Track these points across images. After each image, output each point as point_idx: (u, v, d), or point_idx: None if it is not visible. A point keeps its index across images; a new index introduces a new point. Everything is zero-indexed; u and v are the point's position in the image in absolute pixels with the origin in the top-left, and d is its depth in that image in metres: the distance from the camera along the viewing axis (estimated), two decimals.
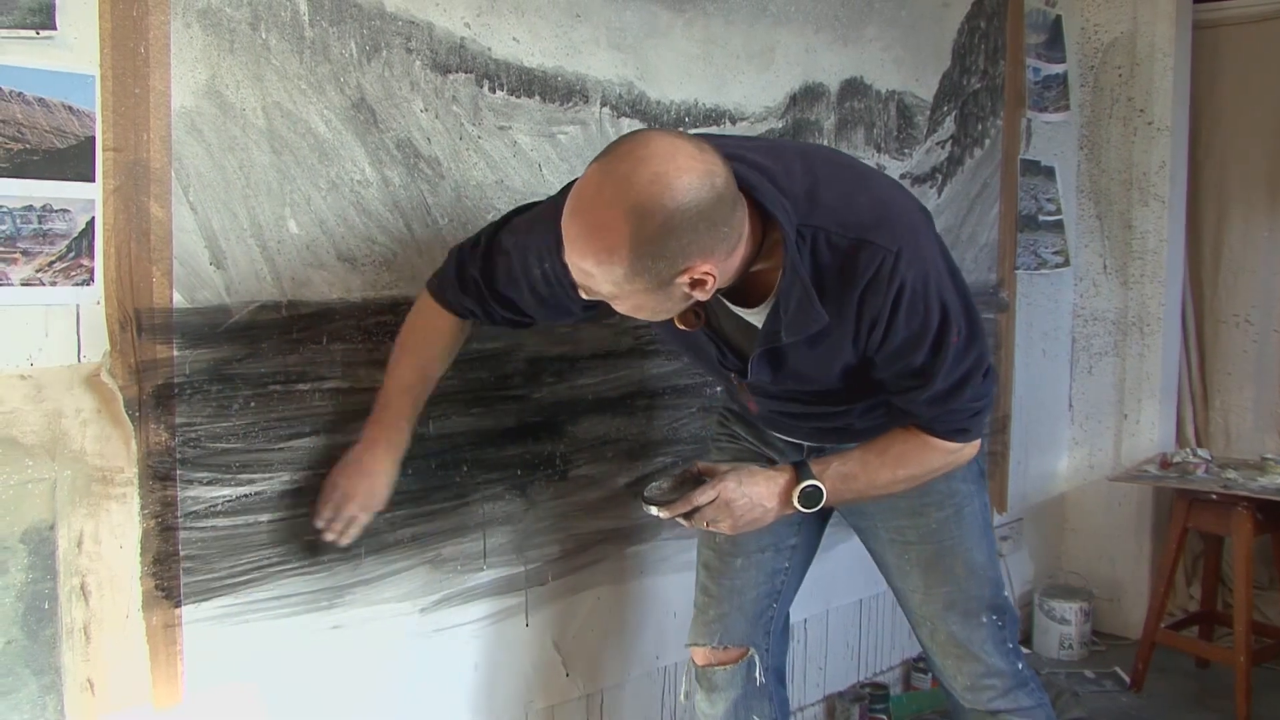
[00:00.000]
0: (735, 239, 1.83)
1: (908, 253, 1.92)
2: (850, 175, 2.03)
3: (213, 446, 2.12)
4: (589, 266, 1.78)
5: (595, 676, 2.87)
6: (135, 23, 1.95)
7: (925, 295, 1.95)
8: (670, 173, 1.71)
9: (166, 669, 2.07)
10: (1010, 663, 2.47)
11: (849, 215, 1.92)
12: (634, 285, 1.78)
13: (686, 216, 1.72)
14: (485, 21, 2.46)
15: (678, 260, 1.76)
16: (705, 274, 1.79)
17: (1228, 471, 3.98)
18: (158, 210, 1.99)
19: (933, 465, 2.23)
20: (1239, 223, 4.55)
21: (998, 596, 2.47)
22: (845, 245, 1.91)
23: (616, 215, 1.72)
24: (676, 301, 1.87)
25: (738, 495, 2.15)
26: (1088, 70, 4.53)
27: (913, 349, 2.00)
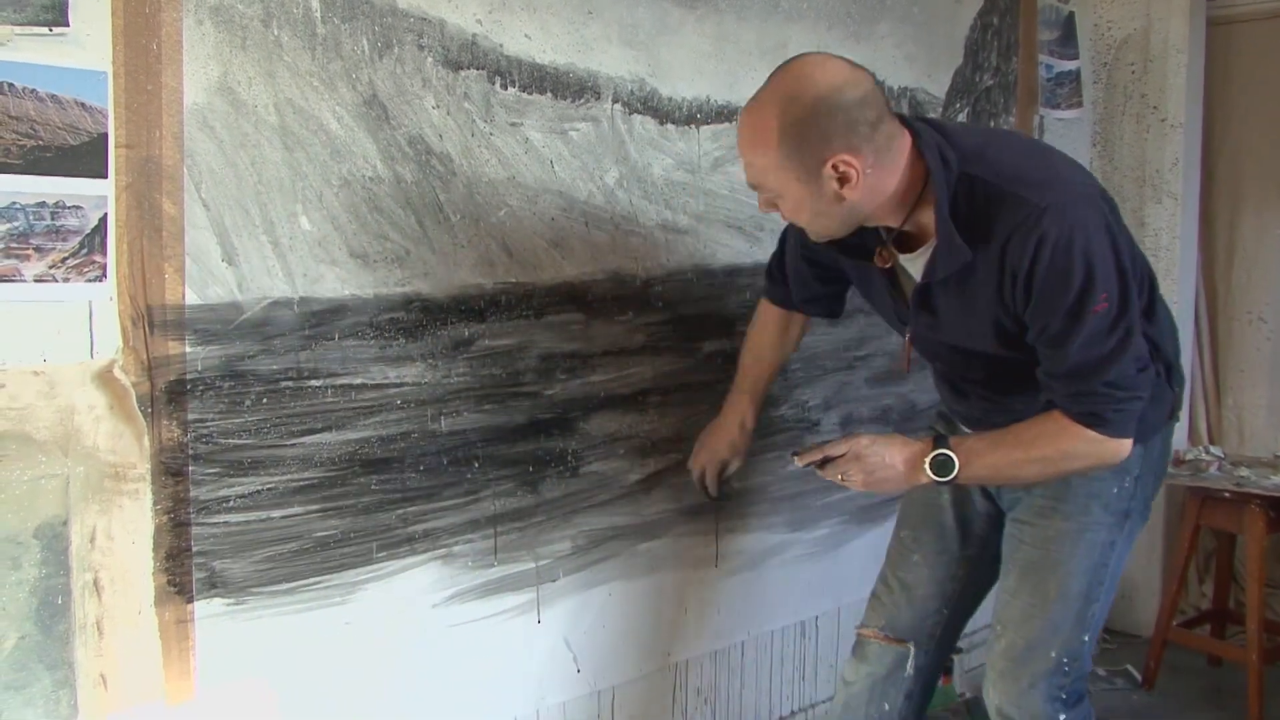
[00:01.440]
0: (881, 149, 2.03)
1: (1056, 210, 2.01)
2: (1027, 147, 2.26)
3: (225, 443, 2.12)
4: (750, 156, 2.06)
5: (607, 672, 2.87)
6: (148, 19, 1.95)
7: (1068, 251, 2.01)
8: (816, 72, 2.00)
9: (179, 664, 2.08)
10: (1050, 710, 2.37)
11: (1008, 171, 2.07)
12: (787, 174, 2.03)
13: (827, 106, 1.97)
14: (497, 18, 2.46)
15: (821, 147, 1.99)
16: (848, 165, 2.00)
17: (1240, 469, 3.97)
18: (170, 207, 2.00)
19: (1065, 450, 2.18)
20: (1252, 220, 4.53)
21: (1076, 641, 2.37)
22: (996, 194, 2.04)
23: (768, 106, 2.01)
24: (830, 200, 2.06)
25: (869, 452, 2.25)
26: (1101, 67, 4.51)
27: (1051, 305, 2.05)
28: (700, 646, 3.11)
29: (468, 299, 2.46)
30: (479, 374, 2.50)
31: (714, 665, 3.16)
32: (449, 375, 2.45)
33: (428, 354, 2.41)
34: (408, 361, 2.38)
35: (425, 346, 2.40)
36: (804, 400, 3.26)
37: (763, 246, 3.07)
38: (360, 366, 2.31)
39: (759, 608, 3.25)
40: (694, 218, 2.91)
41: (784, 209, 2.13)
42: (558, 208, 2.60)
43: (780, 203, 2.11)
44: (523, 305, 2.56)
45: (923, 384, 3.65)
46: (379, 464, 2.35)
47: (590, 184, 2.67)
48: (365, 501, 2.34)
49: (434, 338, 2.42)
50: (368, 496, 2.34)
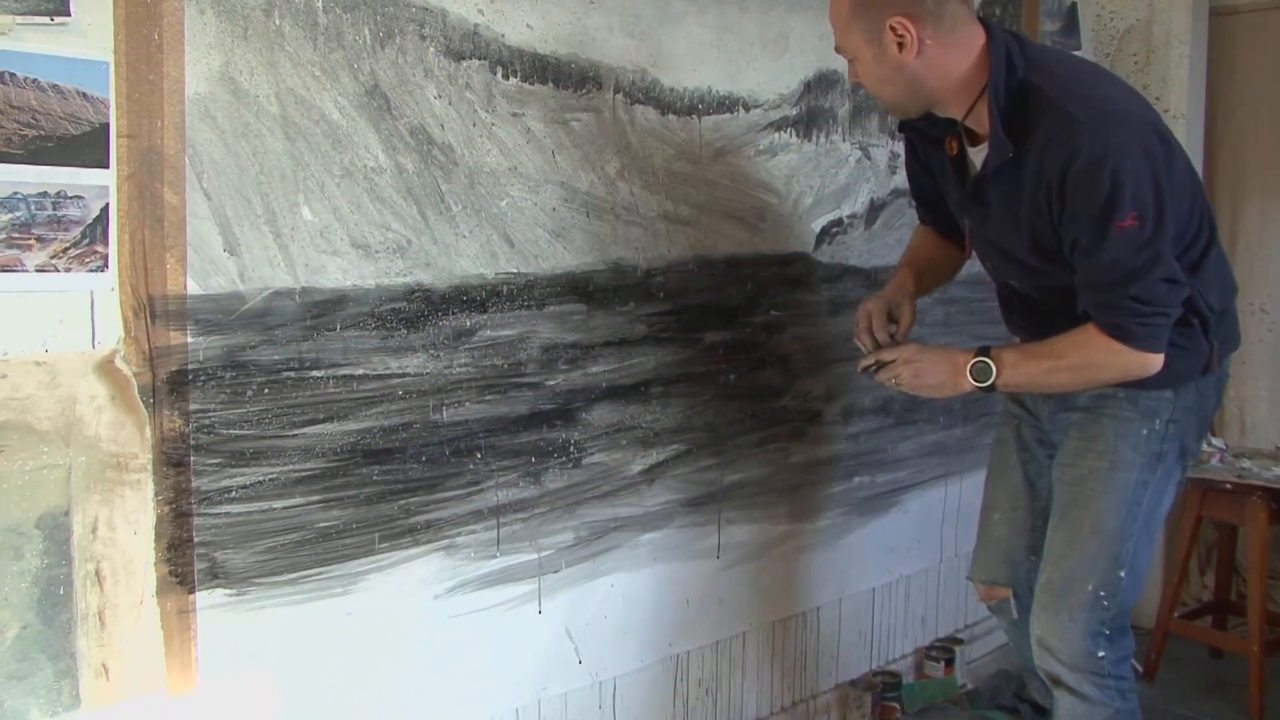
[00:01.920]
0: (945, 26, 2.28)
1: (1093, 126, 2.18)
2: (1096, 73, 2.43)
3: (226, 433, 2.12)
4: (833, 18, 2.35)
5: (608, 664, 2.87)
6: (149, 9, 1.95)
7: (1099, 167, 2.16)
8: None
9: (181, 655, 2.08)
10: (1089, 643, 2.52)
11: (1064, 87, 2.25)
12: (856, 33, 2.30)
13: None
14: (499, 8, 2.46)
15: (884, 9, 2.25)
16: (904, 29, 2.25)
17: (1242, 461, 3.97)
18: (172, 197, 2.00)
19: (1093, 359, 2.34)
20: (1255, 212, 4.52)
21: (1113, 575, 2.52)
22: (1046, 103, 2.24)
23: None
24: (892, 64, 2.29)
25: (918, 357, 2.50)
26: (1103, 58, 4.50)
27: (1080, 218, 2.23)
28: (702, 637, 3.11)
29: (469, 289, 2.46)
30: (481, 364, 2.50)
31: (716, 656, 3.16)
32: (451, 366, 2.45)
33: (429, 344, 2.41)
34: (409, 352, 2.38)
35: (427, 337, 2.40)
36: (806, 391, 3.26)
37: (763, 237, 3.08)
38: (362, 357, 2.31)
39: (761, 599, 3.25)
40: (695, 208, 2.90)
41: (859, 72, 2.38)
42: (559, 198, 2.60)
43: (857, 66, 2.37)
44: (524, 296, 2.56)
45: None
46: (381, 454, 2.35)
47: (592, 174, 2.66)
48: (367, 492, 2.34)
49: (436, 328, 2.41)
50: (369, 487, 2.34)
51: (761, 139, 3.06)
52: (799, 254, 3.19)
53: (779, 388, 3.19)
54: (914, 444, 3.67)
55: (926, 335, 3.61)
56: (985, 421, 3.90)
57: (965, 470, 3.88)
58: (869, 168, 3.40)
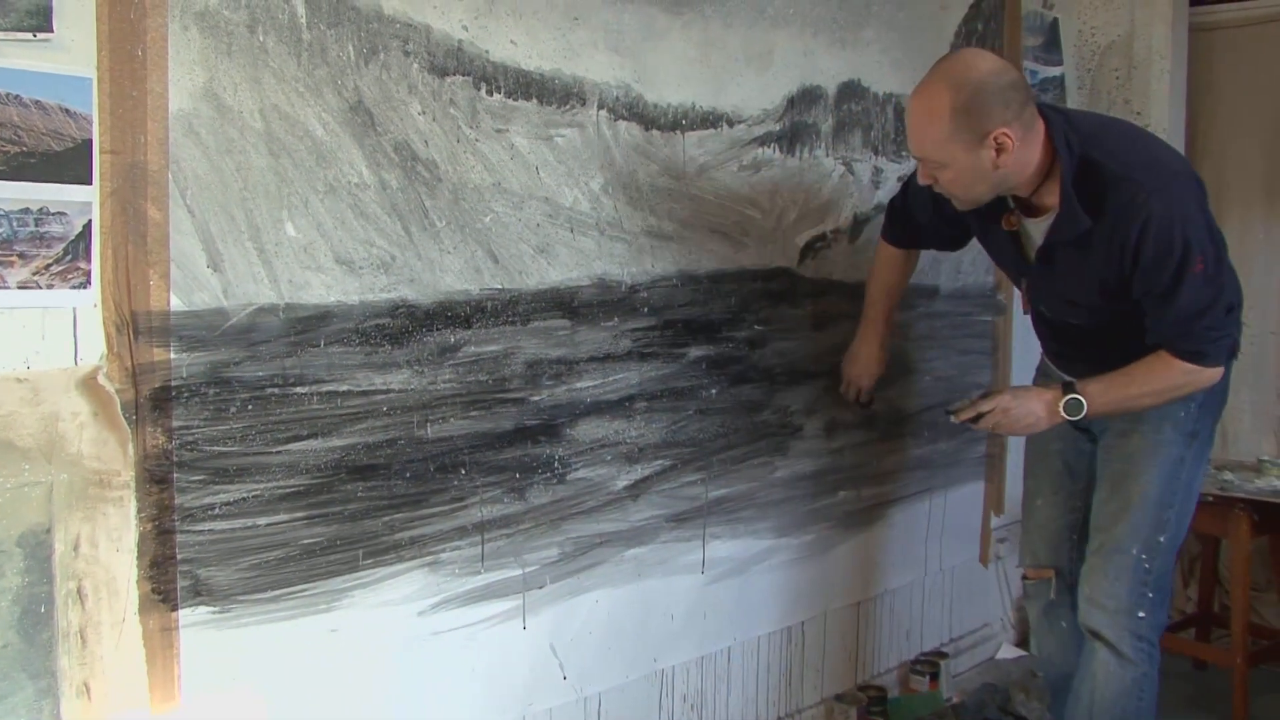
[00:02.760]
0: (1030, 129, 2.48)
1: (1160, 193, 2.46)
2: (1134, 133, 2.70)
3: (210, 450, 2.11)
4: (922, 134, 2.50)
5: (593, 679, 2.86)
6: (133, 25, 1.95)
7: (1170, 228, 2.46)
8: (977, 60, 2.47)
9: (163, 673, 2.07)
10: (1133, 602, 2.80)
11: (1120, 155, 2.51)
12: (954, 146, 2.46)
13: (990, 86, 2.42)
14: (483, 24, 2.46)
15: (985, 120, 2.42)
16: (1006, 137, 2.44)
17: (1225, 473, 3.98)
18: (155, 213, 1.99)
19: (1174, 382, 2.65)
20: (1236, 225, 4.53)
21: (1154, 541, 2.79)
22: (1110, 176, 2.49)
23: (939, 88, 2.45)
24: (987, 169, 2.49)
25: (1013, 404, 2.74)
26: (1085, 73, 4.53)
27: (1158, 271, 2.50)
28: (687, 653, 3.10)
29: (454, 305, 2.46)
30: (465, 380, 2.49)
31: (701, 671, 3.16)
32: (435, 382, 2.44)
33: (414, 360, 2.40)
34: (394, 368, 2.37)
35: (411, 353, 2.40)
36: (786, 405, 3.27)
37: (747, 252, 3.08)
38: (346, 373, 2.30)
39: (746, 613, 3.25)
40: (679, 224, 2.91)
41: (944, 178, 2.55)
42: (543, 214, 2.60)
43: (941, 173, 2.54)
44: (509, 311, 2.55)
45: (908, 390, 3.66)
46: (365, 471, 2.35)
47: (576, 190, 2.66)
48: (351, 509, 2.33)
49: (420, 344, 2.41)
50: (354, 503, 2.33)
51: (745, 154, 3.07)
52: (783, 269, 3.20)
53: (762, 402, 3.19)
54: (898, 458, 3.67)
55: (911, 349, 3.62)
56: (969, 436, 3.91)
57: (950, 484, 3.89)
58: (852, 183, 3.40)
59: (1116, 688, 2.83)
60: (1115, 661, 2.82)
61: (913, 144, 2.56)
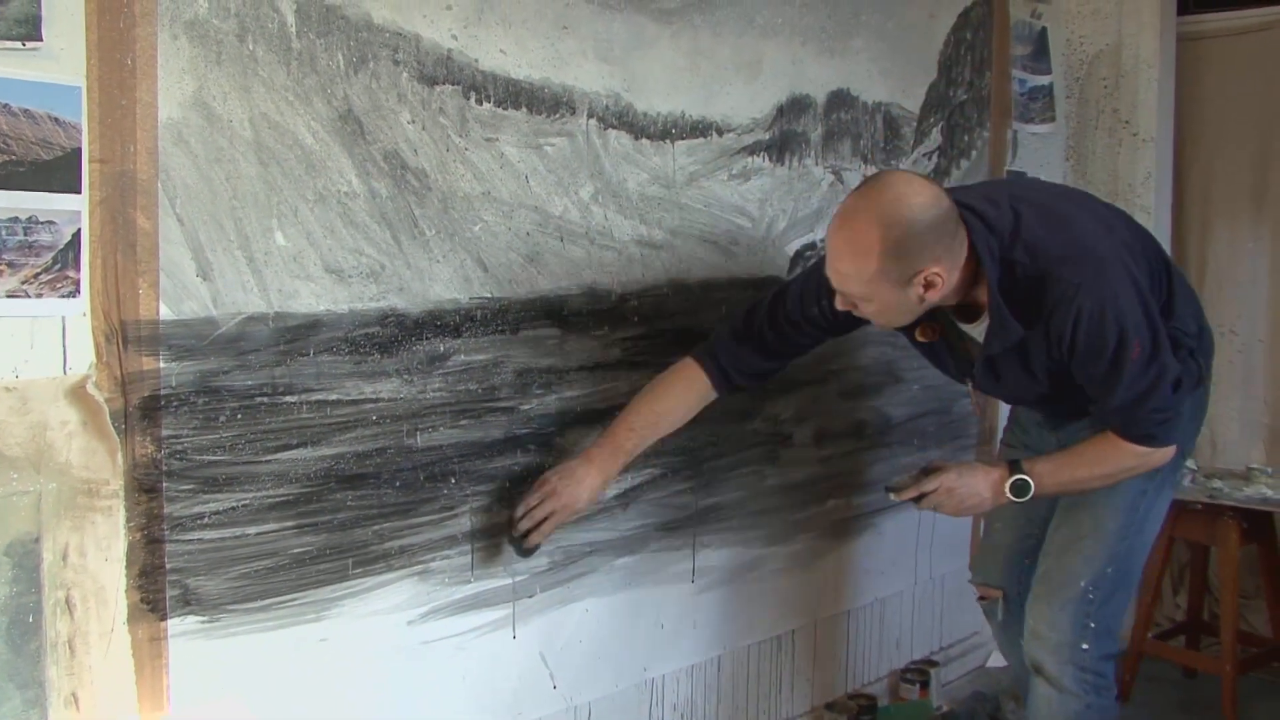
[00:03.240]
0: (958, 256, 2.36)
1: (1088, 285, 2.37)
2: (1051, 218, 2.47)
3: (199, 459, 2.11)
4: (847, 270, 2.34)
5: (583, 688, 2.86)
6: (122, 34, 1.94)
7: (1102, 319, 2.37)
8: (909, 193, 2.29)
9: (152, 683, 2.07)
10: (1075, 635, 2.73)
11: (1041, 252, 2.40)
12: (881, 284, 2.32)
13: (921, 226, 2.27)
14: (473, 33, 2.46)
15: (915, 262, 2.29)
16: (935, 275, 2.32)
17: (1214, 481, 3.98)
18: (144, 222, 1.99)
19: (1125, 465, 2.58)
20: (1224, 234, 4.56)
21: (1104, 571, 2.73)
22: (1035, 275, 2.39)
23: (868, 226, 2.27)
24: (913, 302, 2.37)
25: (958, 484, 2.60)
26: (1073, 82, 4.54)
27: (1094, 362, 2.43)
28: (677, 662, 3.10)
29: (443, 314, 2.46)
30: (455, 389, 2.49)
31: (690, 680, 3.16)
32: (425, 391, 2.44)
33: (403, 369, 2.40)
34: (383, 377, 2.37)
35: (401, 362, 2.40)
36: (776, 414, 3.27)
37: (737, 261, 3.08)
38: (335, 382, 2.30)
39: (735, 623, 3.25)
40: (669, 232, 2.91)
41: (867, 310, 2.43)
42: (533, 223, 2.60)
43: (864, 304, 2.41)
44: (498, 320, 2.55)
45: (896, 398, 3.66)
46: (354, 480, 2.34)
47: (565, 199, 2.67)
48: (341, 518, 2.33)
49: (409, 353, 2.41)
50: (343, 513, 2.33)
51: (735, 163, 3.07)
52: (772, 278, 3.20)
53: (751, 411, 3.20)
54: (888, 466, 3.67)
55: (899, 358, 3.62)
56: (960, 444, 3.92)
57: None
58: (842, 191, 3.40)
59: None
60: (1056, 696, 2.76)
61: (834, 276, 2.38)
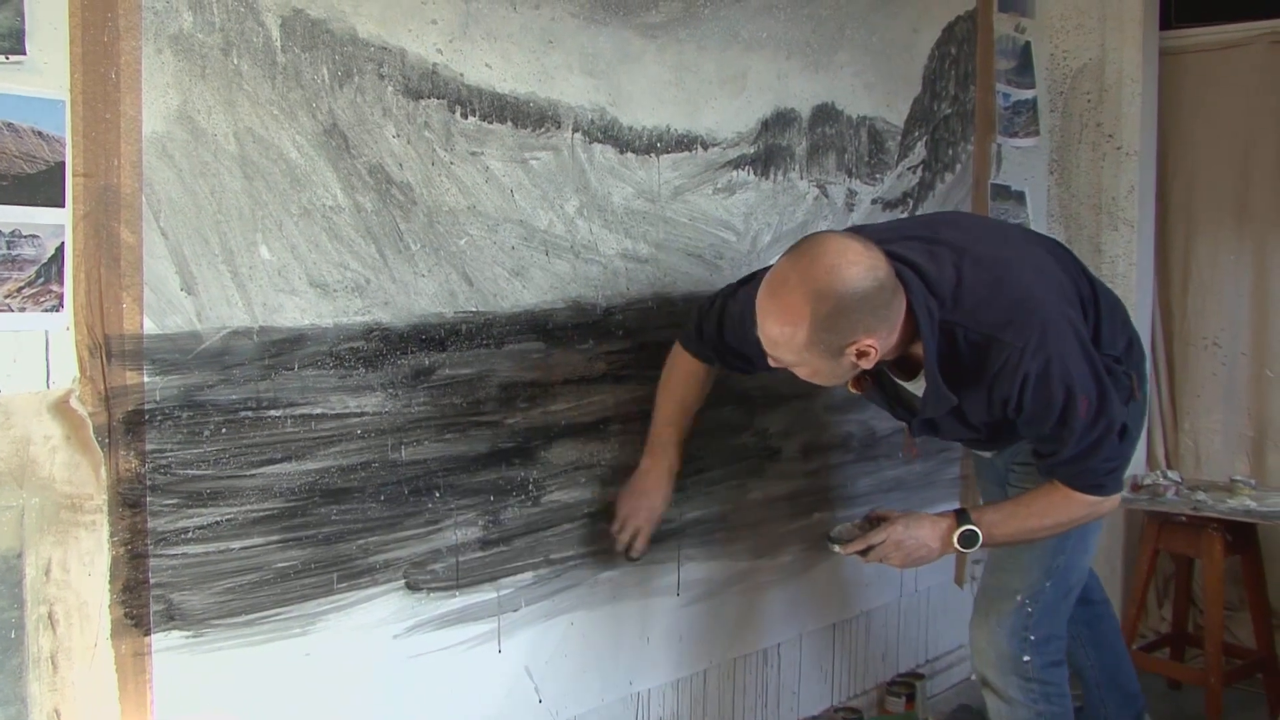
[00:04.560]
0: (894, 321, 2.31)
1: (1032, 346, 2.34)
2: (993, 275, 2.42)
3: (183, 473, 2.11)
4: (776, 338, 2.28)
5: (569, 703, 2.85)
6: (106, 48, 1.94)
7: (1048, 381, 2.35)
8: (842, 264, 2.21)
9: (135, 698, 2.06)
10: (1015, 649, 2.80)
11: (984, 315, 2.37)
12: (811, 354, 2.28)
13: (854, 299, 2.21)
14: (458, 48, 2.47)
15: (847, 334, 2.25)
16: (869, 347, 2.28)
17: (1197, 493, 3.99)
18: (128, 236, 1.99)
19: (1075, 515, 2.59)
20: (1207, 246, 4.58)
21: (1041, 585, 2.78)
22: (979, 340, 2.36)
23: (799, 299, 2.21)
24: (845, 369, 2.35)
25: (905, 536, 2.58)
26: (1057, 96, 4.56)
27: (1042, 421, 2.42)
28: (663, 675, 3.10)
29: (428, 328, 2.46)
30: (440, 403, 2.49)
31: (676, 694, 3.15)
32: (409, 405, 2.44)
33: (388, 383, 2.40)
34: (368, 391, 2.37)
35: (385, 376, 2.40)
36: (765, 428, 3.27)
37: (722, 275, 3.09)
38: (320, 396, 2.30)
39: (721, 636, 3.25)
40: (654, 246, 2.91)
41: (799, 373, 2.39)
42: (518, 236, 2.60)
43: (796, 369, 2.38)
44: (483, 334, 2.55)
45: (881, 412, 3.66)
46: (339, 494, 2.34)
47: (551, 213, 2.67)
48: (325, 532, 2.32)
49: (394, 367, 2.41)
50: (328, 527, 2.33)
51: (720, 177, 3.08)
52: None
53: (738, 425, 3.20)
54: (874, 479, 3.68)
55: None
56: (945, 457, 3.92)
57: (925, 505, 3.88)
58: (826, 205, 3.42)
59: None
60: (1005, 708, 2.87)
61: (764, 341, 2.34)
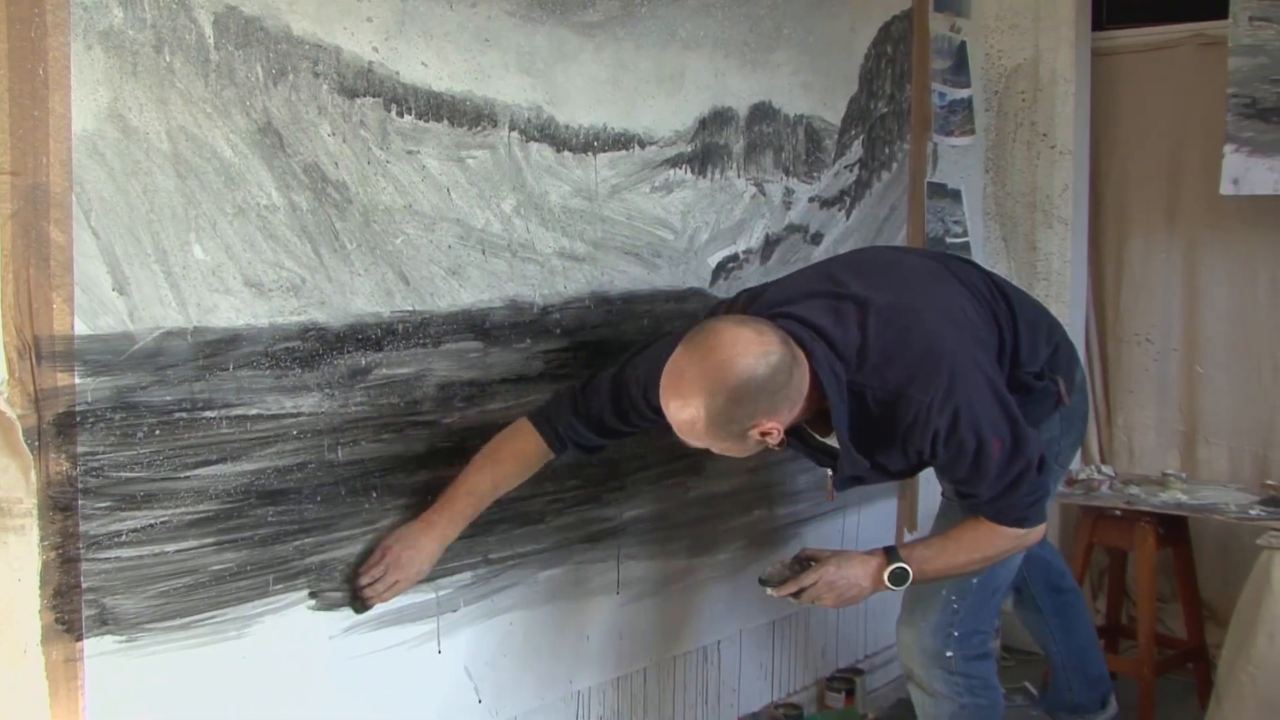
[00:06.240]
0: (795, 397, 2.36)
1: (939, 401, 2.40)
2: (898, 328, 2.46)
3: (116, 476, 2.08)
4: (680, 425, 2.34)
5: (509, 702, 2.85)
6: (34, 44, 1.91)
7: (958, 430, 2.41)
8: (734, 357, 2.26)
9: (67, 705, 2.03)
10: (939, 644, 2.87)
11: (890, 373, 2.42)
12: (715, 440, 2.35)
13: (749, 389, 2.26)
14: (393, 45, 2.45)
15: (745, 421, 2.31)
16: (770, 428, 2.34)
17: (1130, 488, 4.05)
18: (58, 235, 1.96)
19: (1002, 548, 2.64)
20: (1139, 245, 4.63)
21: (967, 583, 2.83)
22: (886, 398, 2.43)
23: (695, 392, 2.28)
24: (752, 446, 2.38)
25: (838, 577, 2.59)
26: (992, 95, 4.60)
27: (957, 467, 2.50)
28: (603, 674, 3.10)
29: (364, 328, 2.45)
30: (376, 403, 2.48)
31: (617, 692, 3.16)
32: (346, 405, 2.43)
33: (324, 383, 2.39)
34: (304, 391, 2.35)
35: (322, 376, 2.38)
36: None
37: (660, 273, 3.09)
38: (255, 397, 2.28)
39: (661, 634, 3.26)
40: (591, 245, 2.92)
41: (714, 450, 2.41)
42: (455, 235, 2.60)
43: (710, 448, 2.41)
44: (420, 334, 2.54)
45: None
46: (275, 495, 2.32)
47: (487, 212, 2.66)
48: (262, 534, 2.31)
49: (330, 367, 2.39)
50: (264, 529, 2.31)
51: (657, 175, 3.08)
52: (695, 289, 3.21)
53: None
54: (811, 476, 3.69)
55: None
56: None
57: (863, 502, 3.93)
58: (764, 203, 3.43)
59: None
60: (930, 701, 2.95)
61: (673, 426, 2.37)
